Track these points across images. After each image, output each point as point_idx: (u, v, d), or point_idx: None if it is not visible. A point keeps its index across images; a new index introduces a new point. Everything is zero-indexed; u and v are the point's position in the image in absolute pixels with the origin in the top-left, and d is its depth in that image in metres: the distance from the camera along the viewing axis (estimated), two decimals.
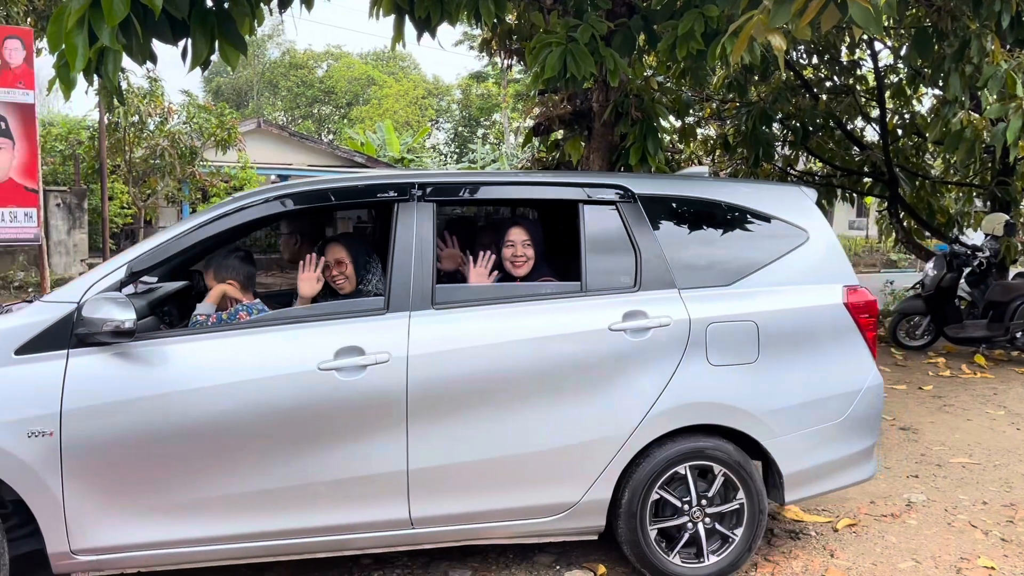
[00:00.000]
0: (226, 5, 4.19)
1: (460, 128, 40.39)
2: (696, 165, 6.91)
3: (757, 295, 3.56)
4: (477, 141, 36.42)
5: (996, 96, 7.06)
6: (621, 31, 5.83)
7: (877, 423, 3.77)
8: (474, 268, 3.61)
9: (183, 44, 4.25)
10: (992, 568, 3.71)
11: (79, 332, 2.91)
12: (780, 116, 10.28)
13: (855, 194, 12.46)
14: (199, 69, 4.31)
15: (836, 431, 3.61)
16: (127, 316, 2.85)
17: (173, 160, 16.18)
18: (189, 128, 16.94)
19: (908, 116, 11.56)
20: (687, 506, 3.44)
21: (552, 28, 5.64)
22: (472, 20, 5.42)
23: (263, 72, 42.22)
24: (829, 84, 11.24)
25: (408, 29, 5.11)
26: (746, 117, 9.69)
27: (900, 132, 11.58)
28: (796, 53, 10.46)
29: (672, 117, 8.03)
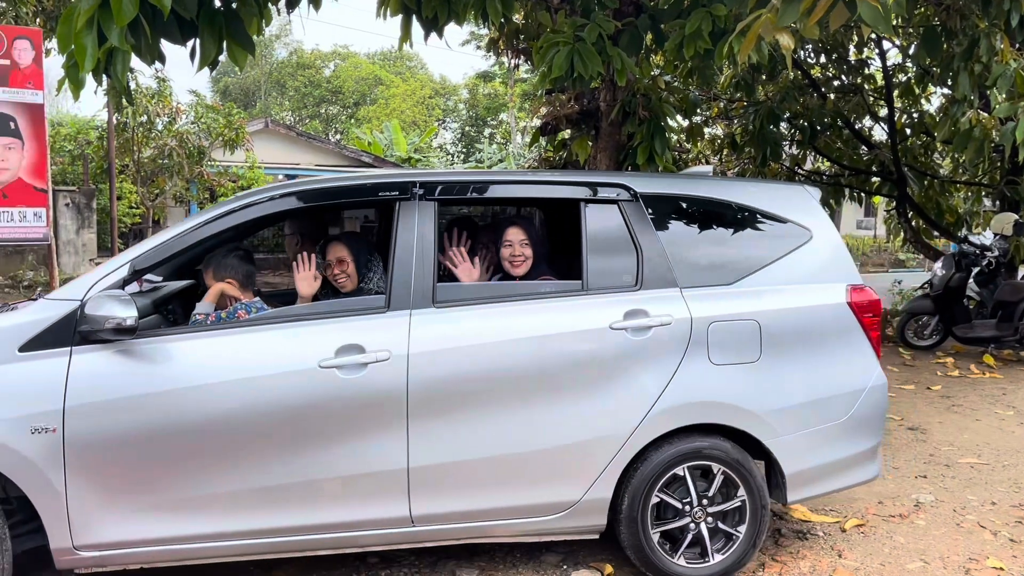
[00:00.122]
0: (234, 5, 4.20)
1: (467, 128, 40.44)
2: (703, 165, 6.91)
3: (760, 294, 3.54)
4: (484, 141, 36.45)
5: (1005, 95, 7.05)
6: (628, 30, 5.83)
7: (881, 423, 3.74)
8: (458, 268, 3.60)
9: (191, 44, 4.27)
10: (1001, 569, 3.69)
11: (82, 329, 2.92)
12: (788, 115, 10.25)
13: (863, 193, 12.42)
14: (207, 69, 4.32)
15: (839, 431, 3.59)
16: (129, 313, 2.86)
17: (181, 160, 16.26)
18: (197, 128, 17.03)
19: (917, 115, 11.50)
20: (688, 507, 3.43)
21: (559, 27, 5.64)
22: (479, 20, 5.42)
23: (271, 72, 42.34)
24: (837, 83, 11.20)
25: (415, 29, 5.11)
26: (753, 116, 9.66)
27: (908, 131, 11.53)
28: (804, 52, 10.43)
29: (679, 116, 8.01)
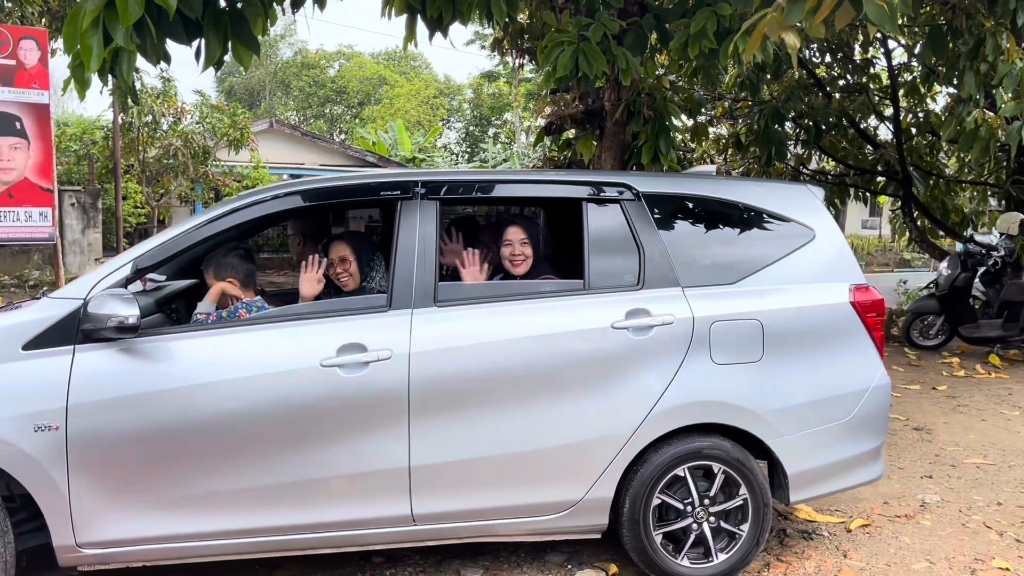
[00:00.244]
0: (239, 5, 4.19)
1: (471, 127, 40.43)
2: (707, 164, 6.89)
3: (762, 294, 3.53)
4: (488, 141, 36.44)
5: (1011, 94, 7.02)
6: (633, 30, 5.81)
7: (884, 423, 3.73)
8: (465, 270, 3.62)
9: (196, 44, 4.26)
10: (1007, 569, 3.67)
11: (85, 328, 2.93)
12: (793, 115, 10.22)
13: (868, 193, 12.38)
14: (212, 69, 4.32)
15: (842, 431, 3.58)
16: (131, 312, 2.87)
17: (186, 160, 16.30)
18: (202, 128, 17.08)
19: (922, 114, 11.47)
20: (690, 507, 3.42)
21: (564, 27, 5.63)
22: (484, 19, 5.40)
23: (275, 72, 42.41)
24: (842, 82, 11.17)
25: (420, 29, 5.10)
26: (758, 116, 9.65)
27: (914, 131, 11.50)
28: (809, 52, 10.40)
29: (684, 116, 7.99)
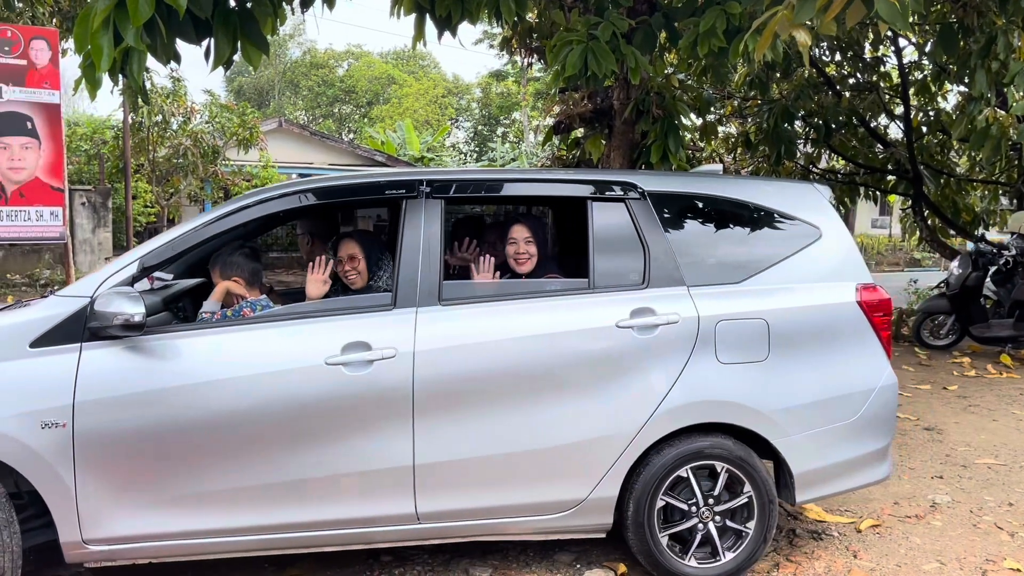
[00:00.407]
0: (248, 5, 4.21)
1: (480, 127, 40.43)
2: (716, 163, 6.88)
3: (768, 293, 3.52)
4: (497, 140, 36.42)
5: (1023, 92, 6.97)
6: (642, 29, 5.81)
7: (892, 423, 3.70)
8: (477, 275, 3.63)
9: (206, 44, 4.28)
10: (1018, 570, 3.64)
11: (91, 326, 2.94)
12: (802, 113, 10.20)
13: (878, 192, 12.33)
14: (221, 69, 4.34)
15: (849, 431, 3.56)
16: (136, 310, 2.88)
17: (196, 159, 16.36)
18: (211, 127, 17.12)
19: (933, 113, 11.42)
20: (695, 508, 3.41)
21: (573, 26, 5.63)
22: (493, 18, 5.41)
23: (284, 72, 42.52)
24: (852, 81, 11.14)
25: (429, 28, 5.11)
26: (768, 115, 9.63)
27: (924, 129, 11.46)
28: (819, 50, 10.37)
29: (693, 115, 7.98)
